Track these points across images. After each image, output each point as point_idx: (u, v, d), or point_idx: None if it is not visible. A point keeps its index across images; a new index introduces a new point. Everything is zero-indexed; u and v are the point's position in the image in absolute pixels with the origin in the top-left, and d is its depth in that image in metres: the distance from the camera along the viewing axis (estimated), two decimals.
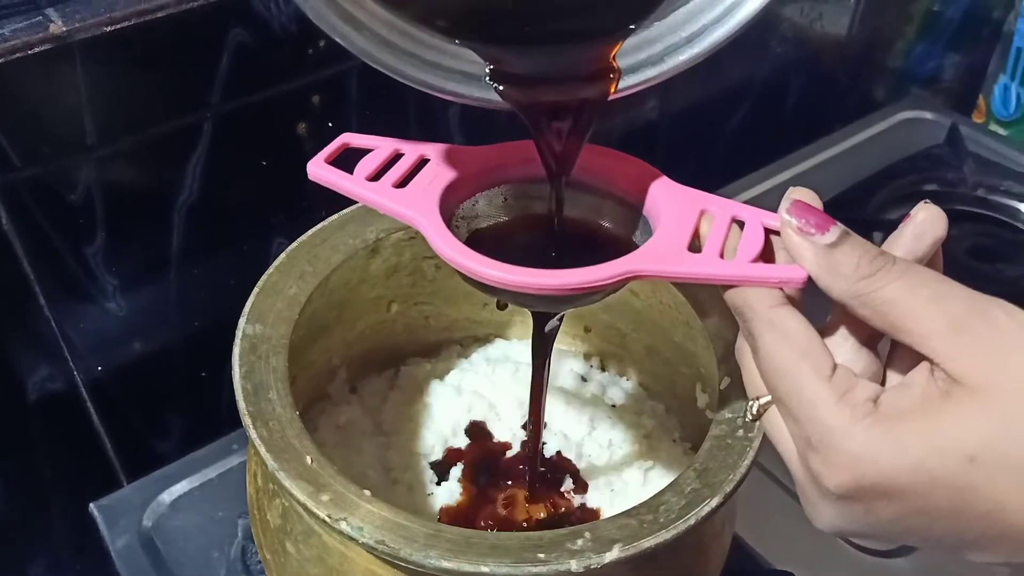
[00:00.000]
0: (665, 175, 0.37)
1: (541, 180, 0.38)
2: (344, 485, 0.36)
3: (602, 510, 0.48)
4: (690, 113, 0.83)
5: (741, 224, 0.34)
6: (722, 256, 0.33)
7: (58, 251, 0.53)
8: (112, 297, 0.56)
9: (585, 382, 0.56)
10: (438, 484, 0.49)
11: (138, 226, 0.55)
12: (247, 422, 0.38)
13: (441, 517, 0.48)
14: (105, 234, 0.54)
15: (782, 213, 0.32)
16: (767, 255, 0.33)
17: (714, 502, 0.36)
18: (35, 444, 0.59)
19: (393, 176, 0.37)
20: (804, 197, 0.32)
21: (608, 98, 0.35)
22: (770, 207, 0.34)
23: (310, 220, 0.48)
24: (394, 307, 0.54)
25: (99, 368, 0.58)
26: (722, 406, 0.40)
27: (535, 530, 0.38)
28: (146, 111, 0.52)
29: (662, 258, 0.34)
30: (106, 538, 0.56)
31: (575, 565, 0.33)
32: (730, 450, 0.38)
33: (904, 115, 0.95)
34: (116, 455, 0.63)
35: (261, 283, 0.45)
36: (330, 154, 0.37)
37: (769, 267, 0.33)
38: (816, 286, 0.31)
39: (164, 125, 0.53)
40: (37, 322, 0.54)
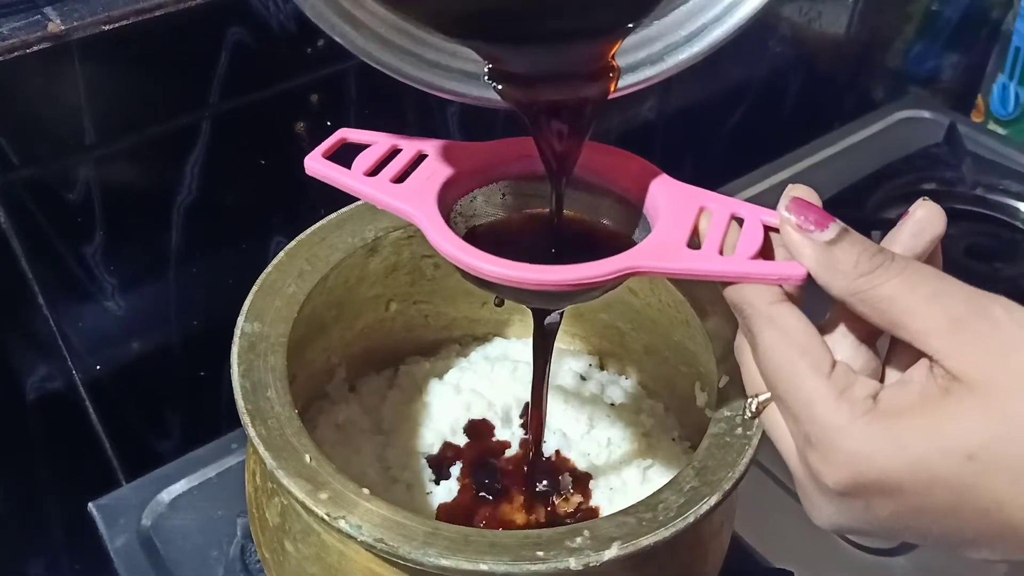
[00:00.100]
0: (664, 172, 0.37)
1: (540, 177, 0.38)
2: (343, 483, 0.36)
3: (601, 508, 0.48)
4: (689, 112, 0.83)
5: (740, 221, 0.34)
6: (721, 253, 0.33)
7: (57, 250, 0.53)
8: (111, 296, 0.56)
9: (584, 381, 0.56)
10: (437, 483, 0.49)
11: (137, 225, 0.55)
12: (246, 420, 0.38)
13: (439, 515, 0.48)
14: (104, 233, 0.53)
15: (781, 210, 0.32)
16: (766, 252, 0.33)
17: (713, 500, 0.36)
18: (34, 443, 0.59)
19: (391, 171, 0.37)
20: (803, 194, 0.32)
21: (608, 97, 0.35)
22: (769, 206, 0.34)
23: (309, 219, 0.48)
24: (393, 306, 0.54)
25: (98, 367, 0.58)
26: (721, 405, 0.40)
27: (534, 528, 0.38)
28: (145, 110, 0.52)
29: (661, 254, 0.34)
30: (105, 537, 0.56)
31: (574, 563, 0.33)
32: (729, 448, 0.38)
33: (903, 114, 0.95)
34: (115, 454, 0.63)
35: (260, 282, 0.45)
36: (327, 149, 0.37)
37: (768, 264, 0.33)
38: (816, 283, 0.31)
39: (163, 124, 0.53)
40: (36, 321, 0.54)
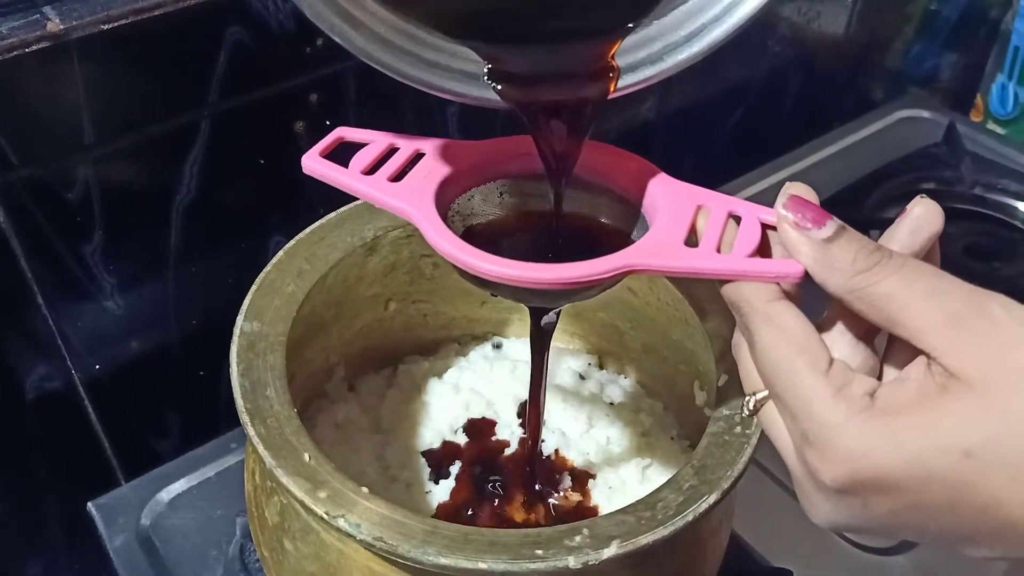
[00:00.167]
0: (662, 171, 0.37)
1: (537, 175, 0.38)
2: (342, 482, 0.36)
3: (600, 507, 0.48)
4: (688, 112, 0.83)
5: (738, 220, 0.34)
6: (719, 251, 0.33)
7: (56, 250, 0.53)
8: (110, 296, 0.56)
9: (583, 380, 0.56)
10: (436, 482, 0.50)
11: (136, 225, 0.55)
12: (245, 419, 0.38)
13: (438, 514, 0.48)
14: (103, 233, 0.53)
15: (778, 208, 0.32)
16: (764, 250, 0.33)
17: (712, 499, 0.36)
18: (33, 443, 0.59)
19: (388, 170, 0.37)
20: (800, 192, 0.32)
21: (607, 97, 0.35)
22: (768, 206, 0.34)
23: (308, 218, 0.48)
24: (392, 305, 0.54)
25: (97, 367, 0.58)
26: (720, 403, 0.41)
27: (533, 527, 0.38)
28: (144, 109, 0.52)
29: (658, 252, 0.34)
30: (104, 537, 0.56)
31: (573, 561, 0.33)
32: (728, 447, 0.38)
33: (902, 114, 0.95)
34: (114, 454, 0.63)
35: (259, 281, 0.45)
36: (325, 147, 0.37)
37: (766, 262, 0.33)
38: (813, 281, 0.31)
39: (162, 123, 0.53)
40: (35, 321, 0.54)
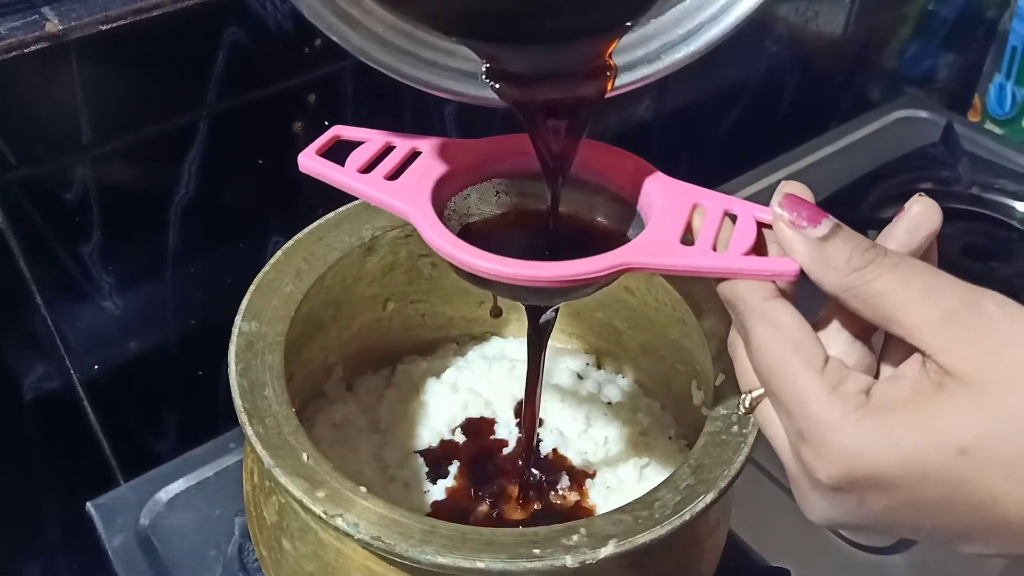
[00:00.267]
0: (659, 170, 0.37)
1: (534, 174, 0.38)
2: (340, 482, 0.36)
3: (597, 506, 0.49)
4: (685, 112, 0.83)
5: (734, 218, 0.34)
6: (714, 249, 0.33)
7: (54, 250, 0.53)
8: (108, 296, 0.56)
9: (581, 380, 0.56)
10: (434, 481, 0.50)
11: (134, 225, 0.55)
12: (243, 419, 0.38)
13: (436, 513, 0.48)
14: (101, 233, 0.54)
15: (774, 206, 0.32)
16: (759, 248, 0.33)
17: (709, 498, 0.36)
18: (31, 443, 0.59)
19: (385, 168, 0.37)
20: (796, 191, 0.32)
21: (605, 96, 0.35)
22: (765, 205, 0.34)
23: (306, 218, 0.48)
24: (390, 305, 0.54)
25: (95, 367, 0.58)
26: (717, 403, 0.41)
27: (530, 526, 0.38)
28: (142, 110, 0.52)
29: (654, 251, 0.34)
30: (103, 537, 0.56)
31: (570, 561, 0.33)
32: (725, 446, 0.38)
33: (899, 114, 0.95)
34: (113, 454, 0.63)
35: (257, 281, 0.45)
36: (321, 146, 0.37)
37: (761, 260, 0.33)
38: (809, 279, 0.31)
39: (160, 124, 0.53)
40: (33, 321, 0.54)
